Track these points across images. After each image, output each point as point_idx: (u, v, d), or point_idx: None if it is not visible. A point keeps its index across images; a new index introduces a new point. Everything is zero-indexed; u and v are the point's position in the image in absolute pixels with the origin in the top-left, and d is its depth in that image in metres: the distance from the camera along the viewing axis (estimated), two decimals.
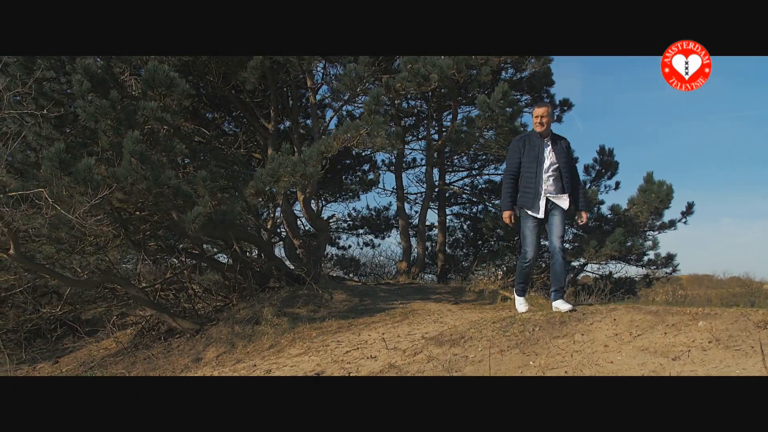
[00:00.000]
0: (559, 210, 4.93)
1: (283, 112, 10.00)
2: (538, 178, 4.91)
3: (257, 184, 6.81)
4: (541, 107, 4.98)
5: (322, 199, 15.77)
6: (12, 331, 9.08)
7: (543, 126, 4.92)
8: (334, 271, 16.79)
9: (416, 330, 5.89)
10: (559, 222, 4.91)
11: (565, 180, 4.95)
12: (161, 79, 6.56)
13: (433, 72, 7.32)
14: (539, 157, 4.93)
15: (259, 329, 6.95)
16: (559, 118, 11.42)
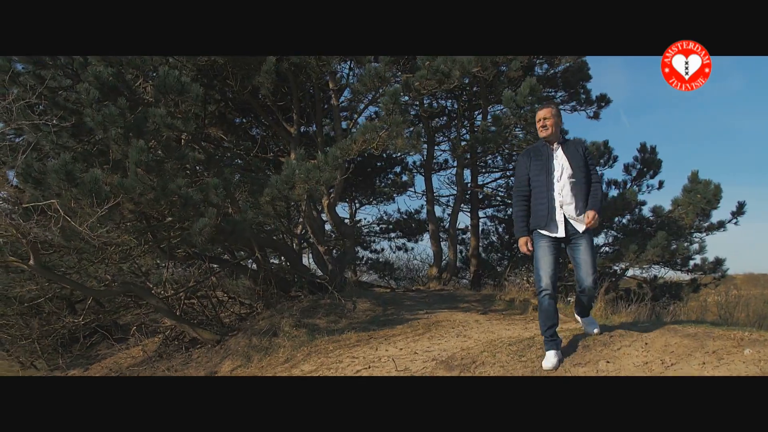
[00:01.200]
0: (584, 236, 3.96)
1: (306, 115, 9.76)
2: (550, 191, 4.02)
3: (272, 191, 6.56)
4: (543, 108, 4.17)
5: (355, 202, 15.60)
6: (48, 336, 9.12)
7: (547, 130, 4.07)
8: (368, 274, 16.61)
9: (435, 346, 5.53)
10: (586, 250, 3.93)
11: (582, 190, 4.02)
12: (172, 84, 6.35)
13: (454, 69, 6.93)
14: (548, 166, 4.07)
15: (276, 342, 6.70)
16: (596, 116, 10.83)
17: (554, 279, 3.96)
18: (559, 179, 4.05)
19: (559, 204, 4.01)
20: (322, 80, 8.68)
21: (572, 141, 4.23)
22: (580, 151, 4.12)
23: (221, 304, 9.34)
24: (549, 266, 3.96)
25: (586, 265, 3.91)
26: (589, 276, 3.92)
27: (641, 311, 10.36)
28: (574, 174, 4.01)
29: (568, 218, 3.98)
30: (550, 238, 4.00)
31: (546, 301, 3.97)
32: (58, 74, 6.78)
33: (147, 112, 6.27)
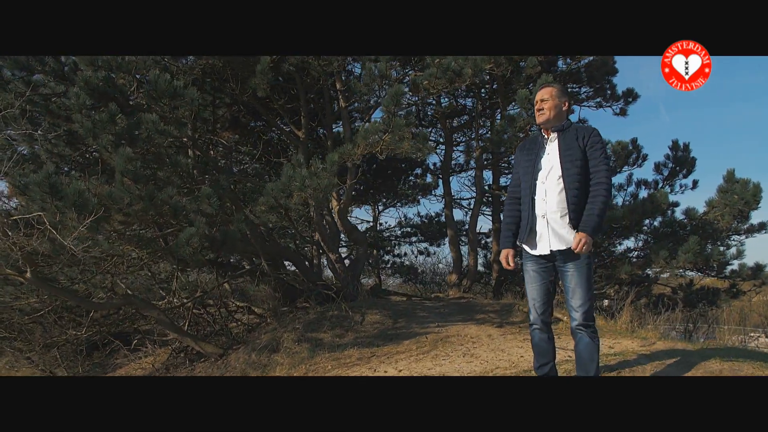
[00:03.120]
0: (573, 256, 3.10)
1: (317, 118, 9.42)
2: (532, 195, 3.24)
3: (268, 199, 6.22)
4: (541, 88, 3.35)
5: (378, 204, 15.22)
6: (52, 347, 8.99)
7: (543, 114, 3.23)
8: (394, 278, 16.23)
9: (437, 367, 5.11)
10: (574, 275, 3.09)
11: (570, 189, 3.12)
12: (164, 89, 6.08)
13: (465, 67, 6.48)
14: (535, 163, 3.26)
15: (276, 358, 6.36)
16: (623, 112, 10.19)
17: (545, 308, 3.28)
18: (545, 180, 3.22)
19: (542, 213, 3.20)
20: (328, 81, 8.31)
21: (574, 128, 3.26)
22: (580, 141, 3.16)
23: (230, 314, 9.07)
24: (537, 294, 3.28)
25: (573, 294, 3.11)
26: (576, 309, 3.11)
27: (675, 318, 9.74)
28: (565, 173, 3.13)
29: (554, 231, 3.16)
30: (536, 258, 3.27)
31: (536, 335, 3.32)
32: (50, 80, 6.57)
33: (140, 118, 6.01)
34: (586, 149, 3.14)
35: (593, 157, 3.12)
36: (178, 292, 8.76)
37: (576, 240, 3.00)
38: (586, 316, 3.09)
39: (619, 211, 8.88)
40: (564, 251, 3.13)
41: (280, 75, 7.96)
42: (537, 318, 3.27)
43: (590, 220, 3.03)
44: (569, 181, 3.11)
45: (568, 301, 3.17)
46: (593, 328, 3.14)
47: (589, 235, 3.00)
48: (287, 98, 9.11)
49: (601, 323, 7.06)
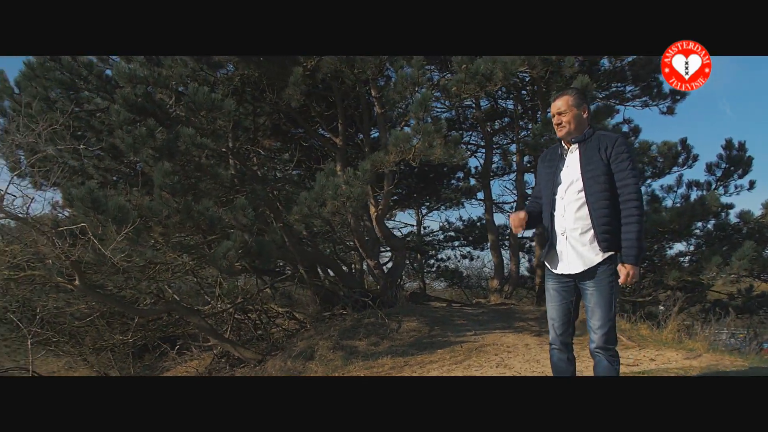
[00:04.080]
0: (595, 275, 2.88)
1: (353, 124, 9.46)
2: (552, 210, 3.06)
3: (302, 208, 6.28)
4: (557, 99, 3.06)
5: (422, 208, 15.19)
6: (117, 347, 9.35)
7: (564, 128, 2.99)
8: (437, 282, 16.17)
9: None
10: (594, 295, 2.87)
11: (596, 209, 2.86)
12: (201, 101, 6.22)
13: (496, 70, 6.37)
14: (555, 176, 3.04)
15: (310, 366, 6.41)
16: (671, 111, 9.80)
17: (565, 329, 3.06)
18: (563, 195, 2.99)
19: (561, 230, 3.00)
20: (363, 88, 8.33)
21: (597, 136, 2.97)
22: (603, 153, 2.88)
23: (270, 319, 9.21)
24: (556, 314, 3.07)
25: (592, 314, 2.88)
26: (595, 330, 2.87)
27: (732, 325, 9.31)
28: (588, 190, 2.88)
29: (573, 249, 2.94)
30: (557, 277, 3.06)
31: (555, 356, 3.12)
32: (94, 96, 6.83)
33: (179, 131, 6.17)
34: (611, 161, 2.88)
35: (619, 169, 2.86)
36: (221, 297, 8.97)
37: (623, 274, 2.80)
38: (605, 339, 2.86)
39: (666, 214, 8.57)
40: (587, 270, 2.92)
41: (315, 84, 8.00)
42: (556, 338, 3.09)
43: (631, 249, 2.79)
44: (593, 200, 2.88)
45: (587, 320, 2.96)
46: (613, 351, 2.91)
47: (634, 265, 2.79)
48: (325, 105, 9.19)
49: (645, 333, 6.83)
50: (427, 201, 14.53)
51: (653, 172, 10.30)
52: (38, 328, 7.37)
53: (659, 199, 10.38)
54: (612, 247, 2.85)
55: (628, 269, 2.78)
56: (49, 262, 6.68)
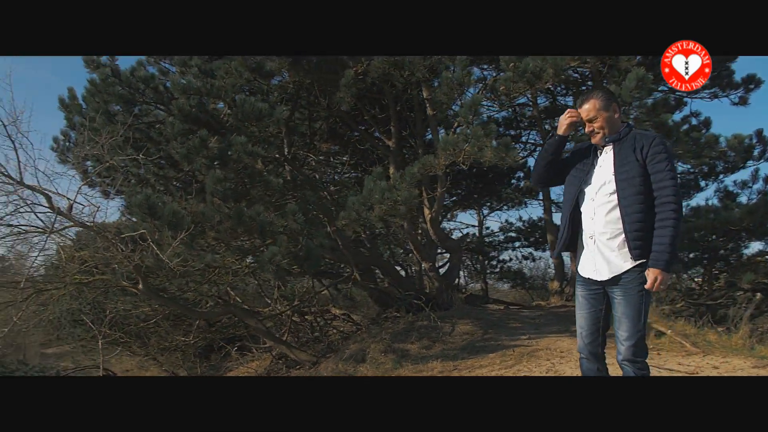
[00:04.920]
0: (624, 281, 2.73)
1: (406, 126, 9.45)
2: (577, 207, 2.92)
3: (350, 213, 6.33)
4: (584, 103, 2.87)
5: (483, 208, 15.00)
6: (180, 348, 9.77)
7: (598, 135, 2.84)
8: (500, 283, 15.91)
9: None
10: (622, 303, 2.73)
11: (629, 213, 2.69)
12: (249, 111, 6.39)
13: (546, 67, 6.20)
14: (586, 175, 2.88)
15: (361, 369, 6.45)
16: (743, 101, 9.20)
17: (593, 339, 2.92)
18: (594, 197, 2.83)
19: (590, 233, 2.85)
20: (414, 90, 8.30)
21: (633, 135, 2.81)
22: (638, 153, 2.72)
23: (327, 322, 9.34)
24: (584, 322, 2.94)
25: (620, 324, 2.74)
26: (622, 342, 2.72)
27: None
28: (621, 193, 2.73)
29: (602, 255, 2.79)
30: (586, 282, 2.92)
31: (584, 365, 2.98)
32: (152, 109, 7.15)
33: (230, 140, 6.36)
34: (647, 162, 2.69)
35: (656, 170, 2.68)
36: (279, 300, 9.18)
37: (651, 279, 2.61)
38: (633, 351, 2.71)
39: (737, 211, 8.10)
40: (617, 276, 2.76)
41: (366, 87, 8.04)
42: (584, 347, 2.95)
43: (662, 253, 2.61)
44: (626, 203, 2.71)
45: (615, 330, 2.82)
46: (641, 364, 2.75)
47: (663, 270, 2.60)
48: (379, 108, 9.23)
49: (712, 338, 6.50)
50: (488, 201, 14.34)
51: (724, 167, 9.76)
52: (108, 329, 7.77)
53: (733, 195, 9.83)
54: (644, 255, 2.67)
55: (656, 274, 2.59)
56: (115, 267, 7.05)
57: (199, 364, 10.44)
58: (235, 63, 6.59)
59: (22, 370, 9.11)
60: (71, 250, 7.01)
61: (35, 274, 7.21)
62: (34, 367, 9.77)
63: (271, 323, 9.28)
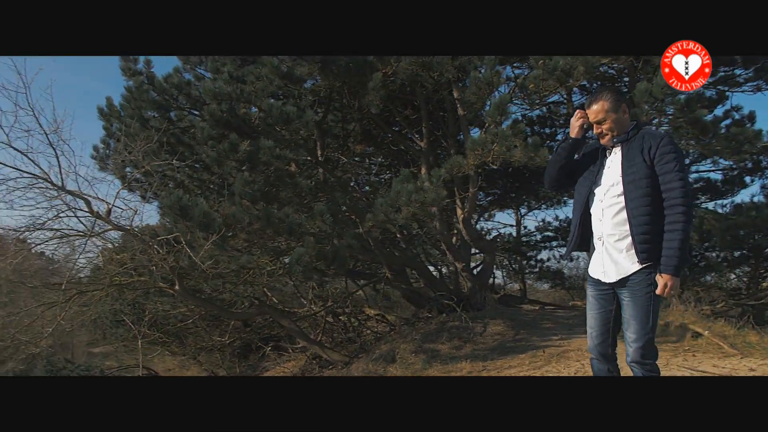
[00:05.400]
0: (632, 284, 2.69)
1: (438, 127, 9.44)
2: (587, 209, 2.87)
3: (377, 215, 6.37)
4: (593, 104, 2.81)
5: (521, 207, 14.83)
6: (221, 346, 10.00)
7: (606, 137, 2.78)
8: (539, 283, 15.71)
9: None
10: (630, 306, 2.69)
11: (635, 216, 2.65)
12: (277, 116, 6.50)
13: (576, 65, 6.11)
14: (596, 175, 2.84)
15: (390, 369, 6.49)
16: None
17: (602, 339, 2.87)
18: (603, 198, 2.79)
19: (598, 235, 2.81)
20: (445, 91, 8.29)
21: (641, 135, 2.74)
22: (646, 154, 2.65)
23: (361, 322, 9.40)
24: (594, 322, 2.89)
25: (628, 326, 2.70)
26: (630, 343, 2.67)
27: None
28: (628, 196, 2.68)
29: (610, 257, 2.75)
30: (596, 283, 2.88)
31: (595, 366, 2.94)
32: (186, 113, 7.34)
33: (259, 144, 6.48)
34: (655, 162, 2.63)
35: (664, 171, 2.62)
36: (314, 300, 9.30)
37: (661, 285, 2.58)
38: (641, 353, 2.67)
39: None
40: (625, 278, 2.72)
41: (395, 89, 8.07)
42: (593, 347, 2.90)
43: (672, 258, 2.56)
44: (633, 206, 2.67)
45: (624, 332, 2.77)
46: (650, 366, 2.71)
47: (673, 276, 2.56)
48: (411, 109, 9.24)
49: (753, 339, 6.29)
50: (526, 200, 14.17)
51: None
52: (147, 329, 8.01)
53: None
54: (651, 258, 2.63)
55: (665, 280, 2.56)
56: (153, 268, 7.26)
57: (237, 364, 10.66)
58: (266, 70, 6.71)
59: (68, 368, 9.45)
60: (111, 253, 7.25)
61: (77, 276, 7.47)
62: (80, 365, 10.11)
63: (307, 324, 9.40)
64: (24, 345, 6.50)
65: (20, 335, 6.46)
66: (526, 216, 15.04)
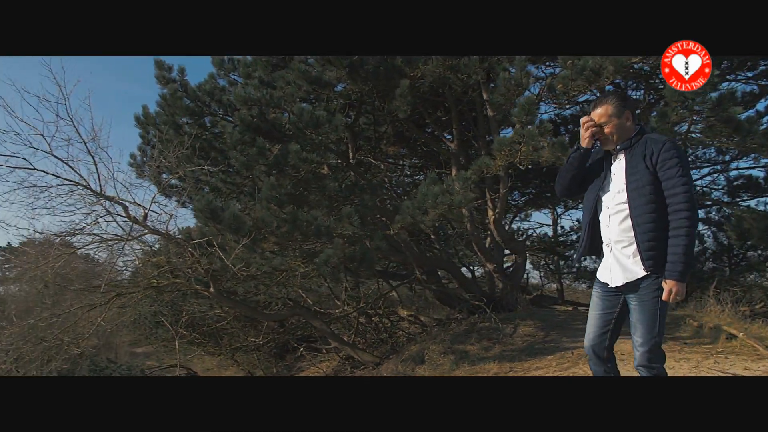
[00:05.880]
0: (639, 288, 2.69)
1: (469, 128, 9.43)
2: (596, 215, 2.90)
3: (404, 217, 6.41)
4: (597, 108, 2.84)
5: (558, 206, 14.66)
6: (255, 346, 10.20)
7: (608, 142, 2.81)
8: (578, 283, 15.49)
9: None
10: (637, 311, 2.70)
11: (640, 224, 2.66)
12: (307, 120, 6.61)
13: (605, 64, 6.04)
14: (603, 182, 2.87)
15: (419, 371, 6.52)
16: None
17: (599, 341, 2.88)
18: (609, 205, 2.81)
19: (606, 241, 2.84)
20: (474, 92, 8.27)
21: (644, 141, 2.74)
22: (648, 160, 2.66)
23: (393, 323, 9.46)
24: (593, 322, 2.91)
25: (635, 330, 2.71)
26: (637, 347, 2.70)
27: None
28: (631, 203, 2.70)
29: (618, 262, 2.77)
30: (601, 285, 2.89)
31: (592, 366, 2.96)
32: (218, 119, 7.52)
33: (287, 148, 6.60)
34: (657, 168, 2.64)
35: (667, 177, 2.62)
36: (347, 302, 9.40)
37: (666, 291, 2.58)
38: (648, 357, 2.68)
39: None
40: (632, 282, 2.72)
41: (427, 90, 8.09)
42: (588, 347, 2.91)
43: (677, 264, 2.56)
44: (637, 213, 2.68)
45: (632, 335, 2.77)
46: (657, 370, 2.72)
47: (678, 281, 2.56)
48: (442, 110, 9.26)
49: None
50: (562, 200, 14.00)
51: None
52: (183, 330, 8.24)
53: None
54: (657, 264, 2.63)
55: (671, 286, 2.56)
56: (188, 270, 7.47)
57: (274, 364, 10.85)
58: (294, 75, 6.83)
59: (110, 368, 9.76)
60: (148, 256, 7.49)
61: (116, 279, 7.73)
62: (122, 365, 10.43)
63: (341, 325, 9.52)
64: (66, 345, 6.75)
65: (63, 336, 6.73)
66: (562, 216, 14.91)
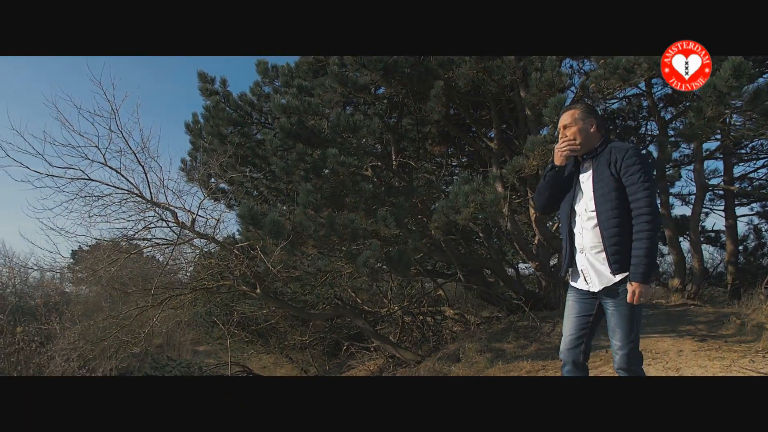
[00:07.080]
0: (615, 293, 2.77)
1: (511, 127, 9.45)
2: (571, 223, 3.00)
3: (440, 216, 6.56)
4: (564, 113, 3.05)
5: None
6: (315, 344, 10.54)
7: (571, 144, 2.92)
8: None
9: None
10: (615, 315, 2.79)
11: (606, 228, 2.76)
12: (344, 125, 6.85)
13: (640, 62, 6.01)
14: (575, 193, 2.96)
15: (454, 369, 6.64)
16: None
17: (575, 345, 2.97)
18: (581, 213, 2.92)
19: (580, 248, 2.92)
20: (512, 92, 8.31)
21: (608, 150, 2.84)
22: (613, 167, 2.78)
23: (437, 322, 9.58)
24: (569, 327, 3.01)
25: (613, 334, 2.82)
26: (616, 351, 2.81)
27: None
28: (599, 209, 2.80)
29: (593, 267, 2.86)
30: (576, 291, 3.01)
31: (565, 372, 3.05)
32: (260, 128, 7.86)
33: (325, 153, 6.85)
34: (621, 174, 2.76)
35: (630, 182, 2.73)
36: (393, 300, 9.60)
37: (630, 292, 2.69)
38: (627, 360, 2.79)
39: None
40: (607, 288, 2.83)
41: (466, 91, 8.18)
42: (565, 352, 3.01)
43: (639, 266, 2.66)
44: (603, 218, 2.78)
45: (610, 340, 2.88)
46: (635, 370, 2.84)
47: (641, 283, 2.65)
48: (483, 109, 9.32)
49: None
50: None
51: None
52: (235, 329, 8.63)
53: None
54: (624, 268, 2.74)
55: (634, 287, 2.67)
56: (236, 272, 7.84)
57: (327, 362, 11.17)
58: (329, 80, 7.08)
59: (170, 365, 10.29)
60: (198, 259, 7.91)
61: (169, 281, 8.19)
62: (181, 363, 10.96)
63: (387, 323, 9.72)
64: (124, 344, 7.23)
65: (121, 335, 7.21)
66: None
